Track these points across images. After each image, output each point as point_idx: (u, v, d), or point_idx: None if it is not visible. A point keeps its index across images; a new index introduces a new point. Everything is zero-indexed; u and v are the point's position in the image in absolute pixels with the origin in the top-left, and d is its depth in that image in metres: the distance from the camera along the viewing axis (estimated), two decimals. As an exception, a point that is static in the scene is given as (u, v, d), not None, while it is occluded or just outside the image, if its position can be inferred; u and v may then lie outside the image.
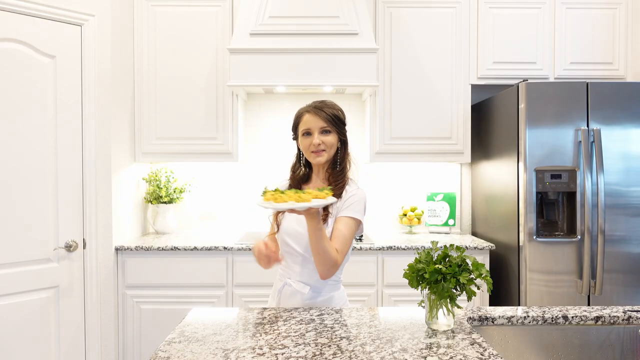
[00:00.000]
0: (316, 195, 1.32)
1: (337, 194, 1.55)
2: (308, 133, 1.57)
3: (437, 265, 1.26)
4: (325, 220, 1.53)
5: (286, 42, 2.64)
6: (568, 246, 2.46)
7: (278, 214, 1.61)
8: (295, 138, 1.65)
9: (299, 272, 1.58)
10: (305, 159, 1.65)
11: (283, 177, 1.74)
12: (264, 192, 1.34)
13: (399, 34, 2.94)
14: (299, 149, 1.66)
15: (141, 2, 2.86)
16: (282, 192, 1.32)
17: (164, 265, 2.61)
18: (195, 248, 2.60)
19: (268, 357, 1.10)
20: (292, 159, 1.72)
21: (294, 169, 1.69)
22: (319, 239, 1.41)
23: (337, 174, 1.60)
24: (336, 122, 1.58)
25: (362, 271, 2.61)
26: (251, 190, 3.19)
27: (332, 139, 1.57)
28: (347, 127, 1.64)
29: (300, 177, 1.66)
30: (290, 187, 1.65)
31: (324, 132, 1.56)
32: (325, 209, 1.54)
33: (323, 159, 1.57)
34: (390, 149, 2.94)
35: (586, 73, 2.95)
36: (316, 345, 1.17)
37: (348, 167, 1.63)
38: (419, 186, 3.26)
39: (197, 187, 3.22)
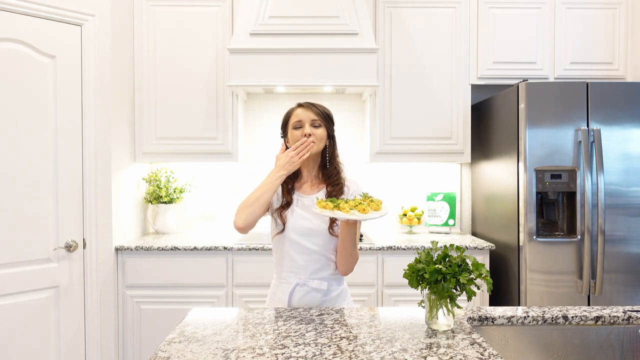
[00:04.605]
0: (355, 206, 1.41)
1: (338, 193, 1.61)
2: (299, 126, 1.61)
3: (437, 265, 1.27)
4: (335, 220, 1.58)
5: (286, 42, 2.64)
6: (568, 246, 2.46)
7: (282, 210, 1.61)
8: (285, 135, 1.69)
9: (316, 269, 1.59)
10: None
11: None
12: (319, 201, 1.44)
13: (399, 34, 2.94)
14: (287, 147, 1.67)
15: (141, 2, 2.86)
16: (331, 201, 1.42)
17: (164, 265, 2.61)
18: (195, 248, 2.60)
19: (268, 357, 1.10)
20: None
21: None
22: (354, 242, 1.53)
23: (333, 176, 1.64)
24: (326, 118, 1.64)
25: (362, 271, 2.61)
26: (251, 190, 3.18)
27: (322, 132, 1.62)
28: (335, 128, 1.68)
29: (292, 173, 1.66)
30: (286, 183, 1.65)
31: (314, 125, 1.61)
32: None
33: (313, 150, 1.59)
34: (390, 149, 2.94)
35: (586, 73, 2.95)
36: (316, 345, 1.17)
37: (341, 167, 1.67)
38: (419, 186, 3.26)
39: (197, 187, 3.22)
